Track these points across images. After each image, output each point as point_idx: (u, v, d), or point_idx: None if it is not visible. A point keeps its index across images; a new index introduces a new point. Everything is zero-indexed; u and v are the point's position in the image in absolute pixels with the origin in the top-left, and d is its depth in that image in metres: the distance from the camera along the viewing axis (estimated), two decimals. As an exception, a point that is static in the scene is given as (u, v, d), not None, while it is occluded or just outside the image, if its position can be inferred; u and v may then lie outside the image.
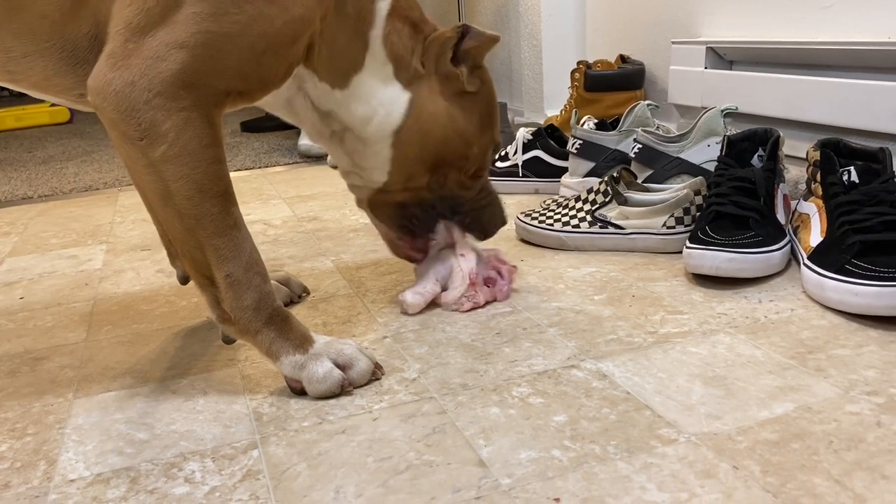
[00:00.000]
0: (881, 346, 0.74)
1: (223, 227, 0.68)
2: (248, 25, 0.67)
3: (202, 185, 0.67)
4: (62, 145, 2.51)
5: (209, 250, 0.69)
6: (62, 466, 0.63)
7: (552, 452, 0.60)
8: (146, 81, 0.64)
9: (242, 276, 0.70)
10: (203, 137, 0.66)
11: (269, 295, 0.71)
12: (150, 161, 0.66)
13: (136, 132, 0.65)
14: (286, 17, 0.69)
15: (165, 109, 0.64)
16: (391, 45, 0.80)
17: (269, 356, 0.71)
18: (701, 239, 0.93)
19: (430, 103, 0.83)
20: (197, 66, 0.65)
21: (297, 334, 0.72)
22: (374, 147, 0.83)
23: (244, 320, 0.71)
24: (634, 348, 0.77)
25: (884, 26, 1.15)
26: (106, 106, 0.65)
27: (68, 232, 1.40)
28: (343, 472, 0.59)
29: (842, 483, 0.54)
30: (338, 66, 0.78)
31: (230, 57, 0.67)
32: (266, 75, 0.71)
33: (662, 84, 1.67)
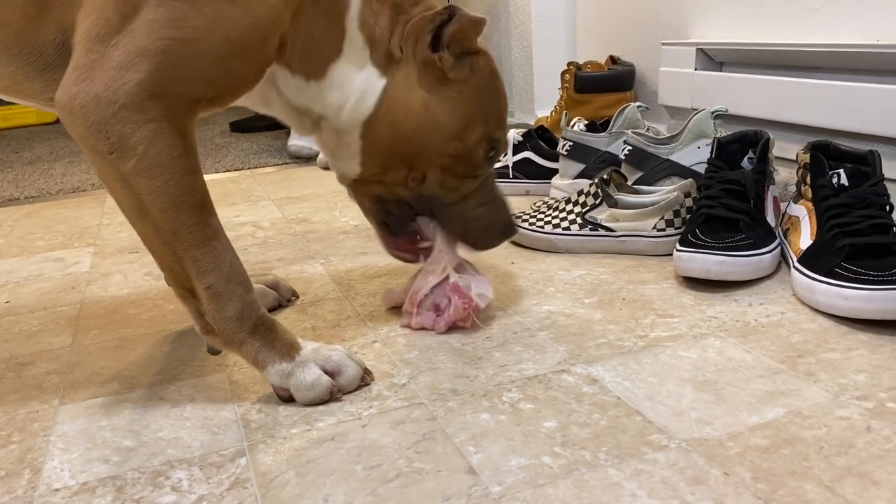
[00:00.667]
0: (871, 349, 0.74)
1: (200, 238, 0.67)
2: (210, 29, 0.65)
3: (176, 197, 0.65)
4: (49, 145, 2.49)
5: (188, 263, 0.67)
6: (47, 475, 0.62)
7: (542, 459, 0.59)
8: (110, 94, 0.62)
9: (223, 287, 0.68)
10: (174, 148, 0.65)
11: (252, 304, 0.70)
12: (122, 174, 0.64)
13: (106, 146, 0.63)
14: (250, 18, 0.67)
15: (133, 122, 0.63)
16: (368, 28, 0.75)
17: (256, 366, 0.71)
18: (691, 242, 0.92)
19: (404, 92, 0.77)
20: (161, 75, 0.63)
21: (283, 342, 0.71)
22: (345, 138, 0.79)
23: (228, 331, 0.70)
24: (625, 352, 0.76)
25: (873, 28, 1.15)
26: (73, 121, 0.64)
27: (55, 234, 1.39)
28: (332, 480, 0.58)
29: (832, 489, 0.54)
30: (314, 57, 0.75)
31: (194, 63, 0.65)
32: (235, 79, 0.69)
33: (652, 85, 1.67)
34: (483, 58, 0.80)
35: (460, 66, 0.78)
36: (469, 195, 0.84)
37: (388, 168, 0.80)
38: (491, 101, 0.81)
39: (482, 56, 0.80)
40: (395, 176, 0.80)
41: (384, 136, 0.78)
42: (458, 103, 0.78)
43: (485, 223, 0.84)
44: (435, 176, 0.81)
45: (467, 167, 0.81)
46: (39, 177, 1.95)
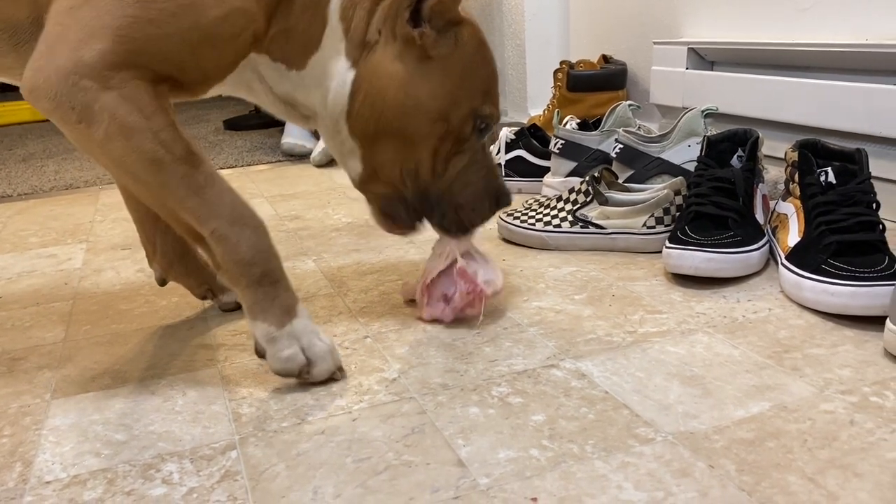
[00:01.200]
0: (856, 345, 0.75)
1: (193, 188, 0.67)
2: (176, 15, 0.65)
3: (156, 154, 0.65)
4: (43, 143, 2.49)
5: (186, 213, 0.68)
6: (38, 468, 0.62)
7: (530, 452, 0.60)
8: (71, 65, 0.63)
9: (228, 230, 0.68)
10: (143, 108, 0.64)
11: (264, 251, 0.70)
12: (97, 142, 0.65)
13: (73, 116, 0.64)
14: (222, 8, 0.66)
15: (94, 90, 0.63)
16: (347, 20, 0.73)
17: (249, 313, 0.71)
18: (680, 239, 0.93)
19: (379, 75, 0.73)
20: (122, 48, 0.63)
21: (281, 304, 0.71)
22: (341, 134, 0.77)
23: (235, 272, 0.69)
24: (613, 348, 0.77)
25: (861, 28, 1.16)
26: (39, 97, 0.64)
27: (48, 231, 1.39)
28: (322, 473, 0.59)
29: (815, 481, 0.54)
30: (295, 47, 0.74)
31: (158, 43, 0.65)
32: (206, 67, 0.69)
33: (644, 84, 1.68)
34: (468, 28, 0.76)
35: (444, 41, 0.74)
36: (463, 172, 0.79)
37: (382, 161, 0.77)
38: (476, 75, 0.77)
39: (466, 26, 0.76)
40: (391, 170, 0.77)
41: (367, 125, 0.75)
42: (439, 82, 0.74)
43: (474, 195, 0.81)
44: (425, 162, 0.77)
45: (455, 146, 0.78)
46: (32, 174, 1.95)
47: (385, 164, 0.77)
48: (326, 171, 1.78)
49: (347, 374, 0.75)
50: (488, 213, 0.83)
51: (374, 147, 0.76)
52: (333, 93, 0.75)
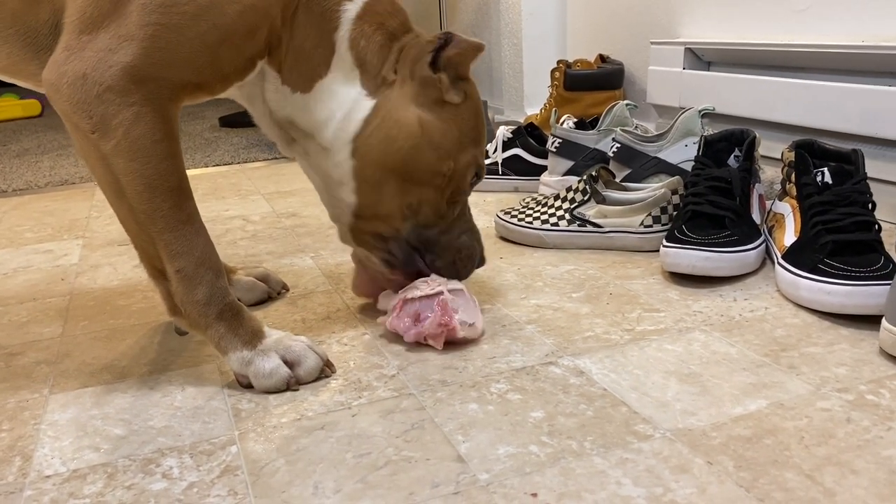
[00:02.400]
0: (852, 344, 0.75)
1: (174, 222, 0.69)
2: (197, 16, 0.66)
3: (152, 180, 0.67)
4: (37, 138, 2.48)
5: (160, 245, 0.69)
6: (38, 462, 0.62)
7: (530, 448, 0.60)
8: (97, 75, 0.64)
9: (193, 271, 0.70)
10: (155, 133, 0.66)
11: (220, 290, 0.72)
12: (103, 154, 0.66)
13: (88, 125, 0.65)
14: (238, 6, 0.68)
15: (116, 104, 0.65)
16: (358, 50, 0.76)
17: (219, 350, 0.72)
18: (677, 238, 0.94)
19: (399, 108, 0.77)
20: (147, 59, 0.65)
21: (247, 330, 0.72)
22: (336, 157, 0.78)
23: (194, 314, 0.71)
24: (611, 345, 0.78)
25: (857, 29, 1.17)
26: (59, 98, 0.66)
27: (43, 226, 1.39)
28: (322, 468, 0.59)
29: (812, 478, 0.55)
30: (302, 68, 0.76)
31: (181, 49, 0.66)
32: (224, 67, 0.70)
33: (641, 84, 1.69)
34: (471, 84, 0.81)
35: (455, 90, 0.79)
36: (454, 222, 0.83)
37: (382, 193, 0.78)
38: (479, 127, 0.82)
39: (471, 83, 0.81)
40: (390, 204, 0.79)
41: (376, 153, 0.77)
42: (452, 124, 0.79)
43: (468, 252, 0.84)
44: (429, 200, 0.80)
45: (456, 191, 0.82)
46: (27, 169, 1.94)
47: (386, 198, 0.79)
48: (323, 168, 1.78)
49: (346, 370, 0.75)
50: (472, 270, 0.86)
51: (378, 179, 0.78)
52: (341, 120, 0.77)
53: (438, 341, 0.78)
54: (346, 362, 0.77)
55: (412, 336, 0.79)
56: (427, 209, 0.80)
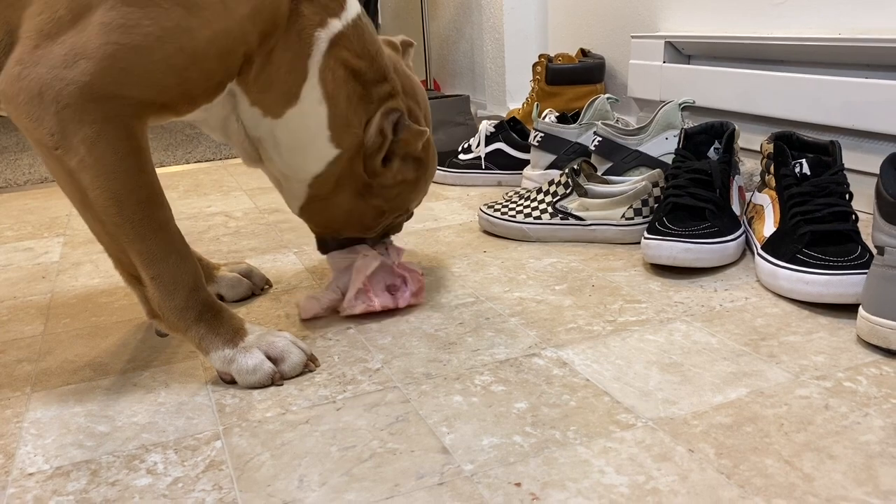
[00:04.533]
0: (830, 332, 0.76)
1: (145, 232, 0.67)
2: (161, 39, 0.63)
3: (120, 195, 0.65)
4: (16, 136, 2.45)
5: (133, 254, 0.68)
6: (20, 460, 0.62)
7: (514, 438, 0.61)
8: (53, 93, 0.62)
9: (169, 277, 0.69)
10: (118, 149, 0.64)
11: (198, 292, 0.71)
12: (68, 169, 0.65)
13: (50, 141, 0.63)
14: (209, 30, 0.65)
15: (75, 121, 0.62)
16: (325, 84, 0.75)
17: (200, 351, 0.72)
18: (658, 230, 0.94)
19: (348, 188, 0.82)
20: (105, 78, 0.62)
21: (227, 328, 0.72)
22: (294, 186, 0.83)
23: (173, 319, 0.71)
24: (594, 336, 0.78)
25: (834, 23, 1.18)
26: (18, 114, 0.64)
27: (23, 224, 1.37)
28: (307, 462, 0.59)
29: (791, 463, 0.56)
30: (275, 92, 0.75)
31: (142, 69, 0.64)
32: (191, 89, 0.68)
33: (622, 78, 1.70)
34: (425, 158, 0.87)
35: (405, 169, 0.85)
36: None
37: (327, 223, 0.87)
38: (417, 193, 0.89)
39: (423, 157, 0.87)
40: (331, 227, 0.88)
41: (326, 205, 0.84)
42: (398, 192, 0.86)
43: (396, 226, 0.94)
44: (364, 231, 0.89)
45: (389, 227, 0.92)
46: (6, 167, 1.92)
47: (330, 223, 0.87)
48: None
49: (330, 364, 0.75)
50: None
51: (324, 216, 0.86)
52: (306, 153, 0.79)
53: (421, 295, 0.89)
54: (331, 357, 0.77)
55: (407, 298, 0.87)
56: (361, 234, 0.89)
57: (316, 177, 0.80)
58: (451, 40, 2.45)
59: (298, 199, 0.84)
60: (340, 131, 0.78)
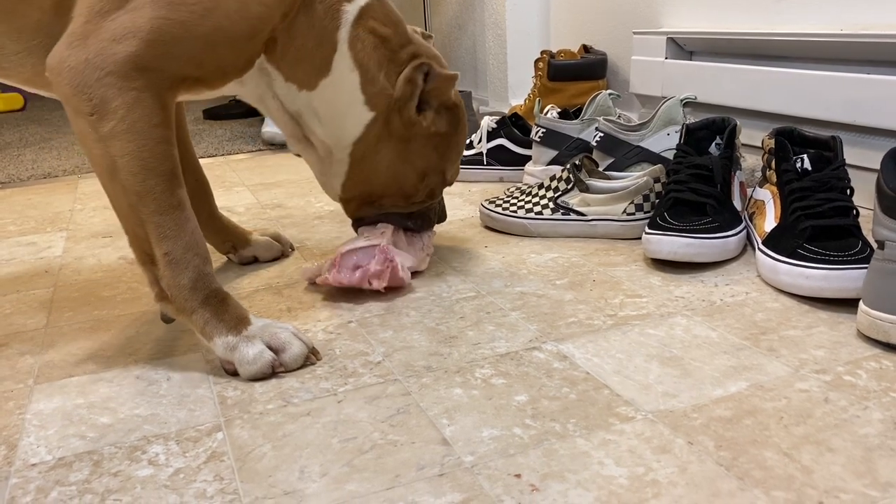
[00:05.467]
0: (830, 326, 0.77)
1: (166, 205, 0.70)
2: (204, 16, 0.69)
3: (148, 162, 0.69)
4: (19, 132, 2.46)
5: (150, 227, 0.70)
6: (23, 451, 0.62)
7: (514, 430, 0.61)
8: (100, 60, 0.66)
9: (181, 255, 0.71)
10: (153, 117, 0.69)
11: (207, 276, 0.73)
12: (100, 136, 0.68)
13: (88, 107, 0.67)
14: (244, 12, 0.72)
15: (117, 87, 0.67)
16: (356, 52, 0.82)
17: (204, 336, 0.73)
18: (659, 225, 0.95)
19: (390, 137, 0.87)
20: (151, 51, 0.68)
21: (232, 316, 0.73)
22: (337, 154, 0.88)
23: (180, 299, 0.72)
24: (594, 330, 0.78)
25: (836, 19, 1.18)
26: (60, 81, 0.68)
27: (27, 219, 1.38)
28: (308, 453, 0.60)
29: (790, 456, 0.56)
30: (306, 66, 0.81)
31: (184, 44, 0.69)
32: (223, 65, 0.74)
33: (624, 74, 1.70)
34: (457, 110, 0.91)
35: (439, 120, 0.89)
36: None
37: (367, 191, 0.91)
38: (454, 152, 0.93)
39: (457, 109, 0.91)
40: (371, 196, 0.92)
41: (367, 165, 0.88)
42: (433, 152, 0.91)
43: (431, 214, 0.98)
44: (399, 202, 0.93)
45: (426, 198, 0.95)
46: (9, 163, 1.92)
47: (374, 190, 0.91)
48: (308, 160, 1.78)
49: (332, 357, 0.75)
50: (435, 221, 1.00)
51: (365, 181, 0.90)
52: (343, 119, 0.85)
53: (383, 278, 0.88)
54: (332, 350, 0.77)
55: (356, 280, 0.87)
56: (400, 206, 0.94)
57: (356, 142, 0.86)
58: (452, 36, 2.45)
59: (342, 170, 0.89)
60: (373, 94, 0.84)
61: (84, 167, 1.82)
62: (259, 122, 2.23)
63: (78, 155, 1.98)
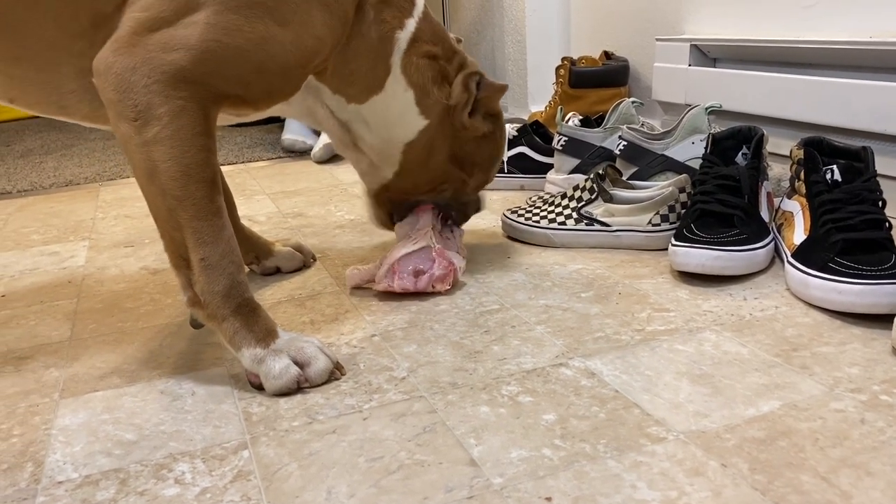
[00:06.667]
0: (864, 343, 0.75)
1: (205, 211, 0.71)
2: (259, 45, 0.71)
3: (190, 168, 0.69)
4: (41, 138, 2.48)
5: (188, 232, 0.71)
6: (49, 468, 0.62)
7: (543, 451, 0.60)
8: (147, 69, 0.68)
9: (217, 261, 0.71)
10: (196, 125, 0.69)
11: (241, 284, 0.73)
12: (143, 140, 0.68)
13: (132, 112, 0.68)
14: (298, 44, 0.74)
15: (163, 95, 0.68)
16: (410, 75, 0.88)
17: (232, 345, 0.73)
18: (686, 237, 0.93)
19: (442, 137, 0.93)
20: (200, 67, 0.69)
21: (261, 327, 0.73)
22: (388, 150, 0.93)
23: (213, 305, 0.72)
24: (622, 346, 0.77)
25: (865, 26, 1.17)
26: (106, 86, 0.69)
27: (49, 228, 1.38)
28: (335, 473, 0.59)
29: (828, 480, 0.55)
30: (358, 86, 0.86)
31: (234, 67, 0.71)
32: (271, 90, 0.76)
33: (646, 80, 1.68)
34: (500, 116, 0.99)
35: (486, 125, 0.96)
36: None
37: (415, 183, 0.96)
38: (497, 148, 1.01)
39: (500, 116, 0.99)
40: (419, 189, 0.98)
41: (418, 164, 0.94)
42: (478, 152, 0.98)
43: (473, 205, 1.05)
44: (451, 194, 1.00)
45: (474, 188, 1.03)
46: (31, 170, 1.94)
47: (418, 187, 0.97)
48: (327, 167, 1.78)
49: (356, 372, 0.75)
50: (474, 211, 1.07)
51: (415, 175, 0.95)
52: (395, 129, 0.91)
53: (446, 281, 0.92)
54: (356, 364, 0.77)
55: (422, 285, 0.91)
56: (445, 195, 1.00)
57: (408, 143, 0.92)
58: (471, 41, 2.44)
59: (391, 170, 0.95)
60: (428, 105, 0.90)
61: (105, 174, 1.83)
62: (278, 128, 2.24)
63: (99, 162, 1.99)
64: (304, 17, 0.74)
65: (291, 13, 0.73)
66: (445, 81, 0.91)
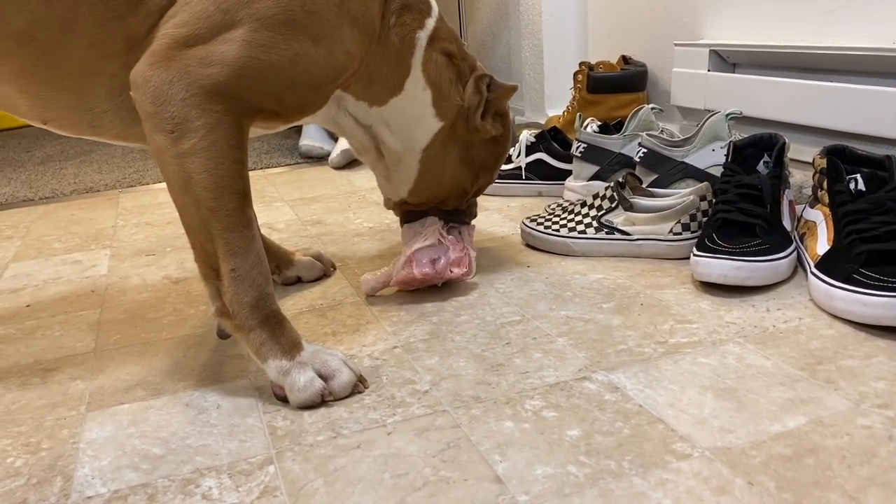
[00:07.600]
0: (890, 356, 0.74)
1: (237, 223, 0.72)
2: (293, 62, 0.73)
3: (223, 180, 0.70)
4: (60, 144, 2.50)
5: (220, 243, 0.72)
6: (78, 483, 0.63)
7: (568, 468, 0.60)
8: (185, 83, 0.69)
9: (247, 272, 0.72)
10: (231, 138, 0.71)
11: (268, 296, 0.74)
12: (179, 152, 0.70)
13: (169, 125, 0.69)
14: (330, 60, 0.76)
15: (200, 108, 0.69)
16: (429, 73, 0.90)
17: (258, 356, 0.73)
18: (708, 247, 0.93)
19: (457, 142, 0.95)
20: (237, 82, 0.70)
21: (288, 339, 0.74)
22: (407, 160, 0.95)
23: (241, 316, 0.73)
24: (645, 359, 0.77)
25: (888, 32, 1.15)
26: (143, 99, 0.70)
27: (71, 236, 1.40)
28: (360, 489, 0.59)
29: (857, 499, 0.54)
30: (379, 88, 0.87)
31: (269, 83, 0.72)
32: (303, 104, 0.78)
33: (664, 85, 1.67)
34: (507, 117, 1.01)
35: (496, 126, 0.98)
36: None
37: (431, 191, 0.98)
38: (504, 148, 1.03)
39: (507, 116, 1.01)
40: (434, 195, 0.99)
41: (431, 175, 0.96)
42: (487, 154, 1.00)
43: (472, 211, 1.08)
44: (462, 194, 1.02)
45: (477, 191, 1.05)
46: (52, 177, 1.96)
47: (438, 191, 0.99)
48: (345, 173, 1.79)
49: (379, 385, 0.75)
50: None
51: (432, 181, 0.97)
52: (414, 131, 0.93)
53: (463, 265, 0.96)
54: (379, 377, 0.77)
55: (440, 268, 0.94)
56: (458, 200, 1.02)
57: (425, 149, 0.94)
58: (488, 45, 2.44)
59: (410, 177, 0.97)
60: (444, 107, 0.92)
61: (125, 181, 1.84)
62: (296, 134, 2.24)
63: (118, 168, 2.01)
64: (336, 33, 0.76)
65: (324, 30, 0.75)
66: (460, 81, 0.93)
